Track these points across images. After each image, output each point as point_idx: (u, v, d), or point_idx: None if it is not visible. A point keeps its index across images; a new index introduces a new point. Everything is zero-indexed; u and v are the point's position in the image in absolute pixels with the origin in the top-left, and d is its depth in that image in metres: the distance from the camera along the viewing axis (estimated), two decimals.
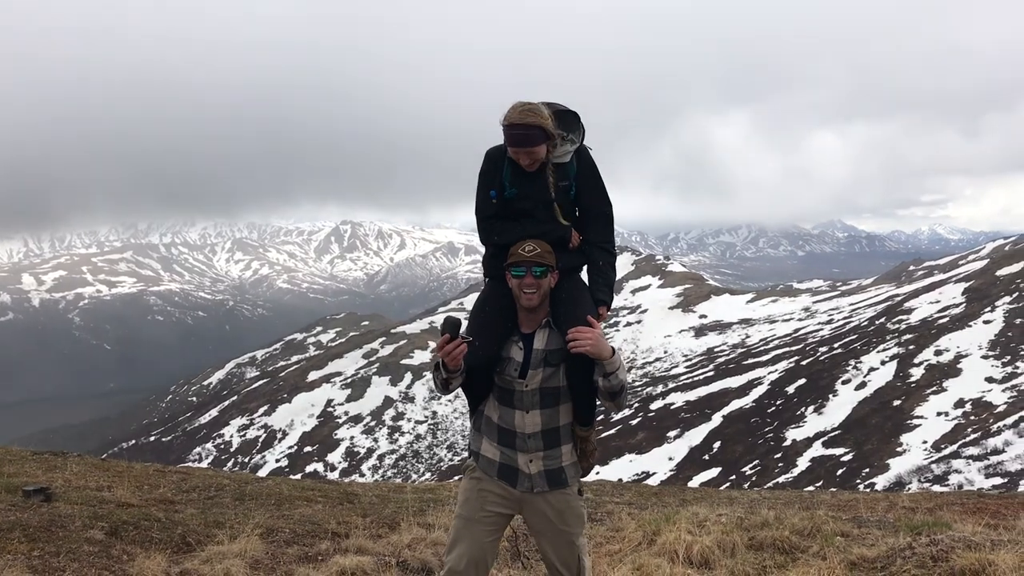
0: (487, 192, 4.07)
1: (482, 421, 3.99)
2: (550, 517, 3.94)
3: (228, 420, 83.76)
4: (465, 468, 4.11)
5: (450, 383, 3.74)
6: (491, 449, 3.94)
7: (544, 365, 3.85)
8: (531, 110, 3.86)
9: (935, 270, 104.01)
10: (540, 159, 3.93)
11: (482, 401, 4.02)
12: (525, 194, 4.01)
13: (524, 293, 3.83)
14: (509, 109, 3.91)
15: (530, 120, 3.83)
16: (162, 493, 8.34)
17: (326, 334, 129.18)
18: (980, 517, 7.97)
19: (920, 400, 46.28)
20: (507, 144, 3.92)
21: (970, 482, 33.40)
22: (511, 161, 4.00)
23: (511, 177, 4.02)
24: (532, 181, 4.01)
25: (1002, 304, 55.51)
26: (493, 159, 4.07)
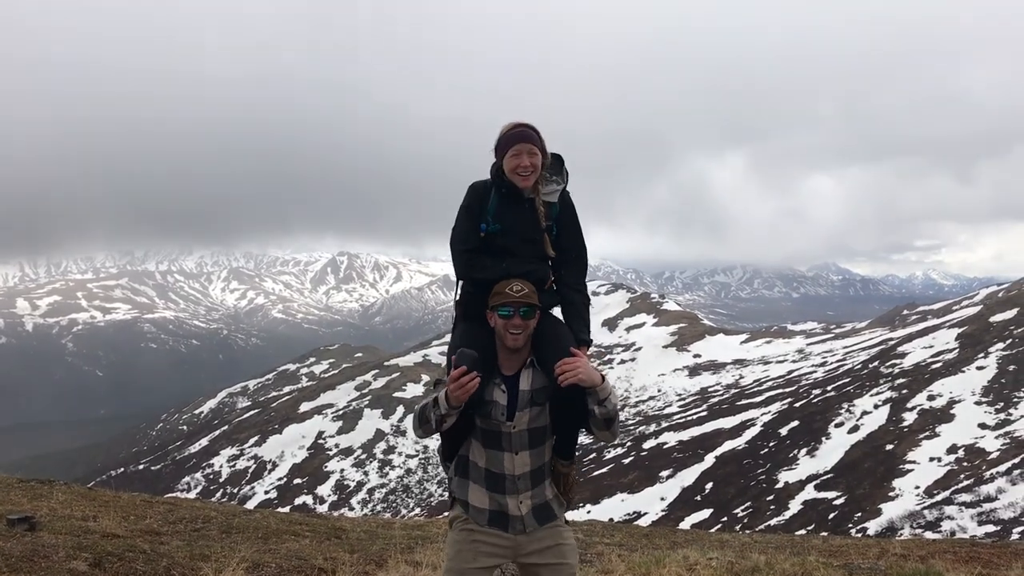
0: (472, 224, 4.06)
1: (468, 467, 3.92)
2: (546, 554, 3.89)
3: (218, 450, 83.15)
4: (452, 520, 4.00)
5: (445, 421, 3.68)
6: (480, 496, 3.87)
7: (531, 405, 3.84)
8: (526, 122, 4.07)
9: (929, 315, 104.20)
10: (538, 169, 4.02)
11: (459, 446, 3.97)
12: (509, 229, 4.03)
13: (510, 334, 3.82)
14: (503, 127, 4.07)
15: (529, 124, 4.05)
16: (148, 524, 8.26)
17: (319, 365, 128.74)
18: (972, 566, 7.92)
19: (913, 445, 46.17)
20: (509, 144, 3.99)
21: (963, 529, 33.21)
22: (498, 194, 4.05)
23: (496, 212, 4.04)
24: (518, 216, 4.04)
25: (995, 350, 55.57)
26: (478, 192, 4.09)
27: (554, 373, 3.67)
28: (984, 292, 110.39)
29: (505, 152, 4.01)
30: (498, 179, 4.08)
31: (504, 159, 4.02)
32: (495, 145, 4.09)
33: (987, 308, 69.73)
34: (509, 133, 4.01)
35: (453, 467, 3.99)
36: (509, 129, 4.03)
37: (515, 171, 4.00)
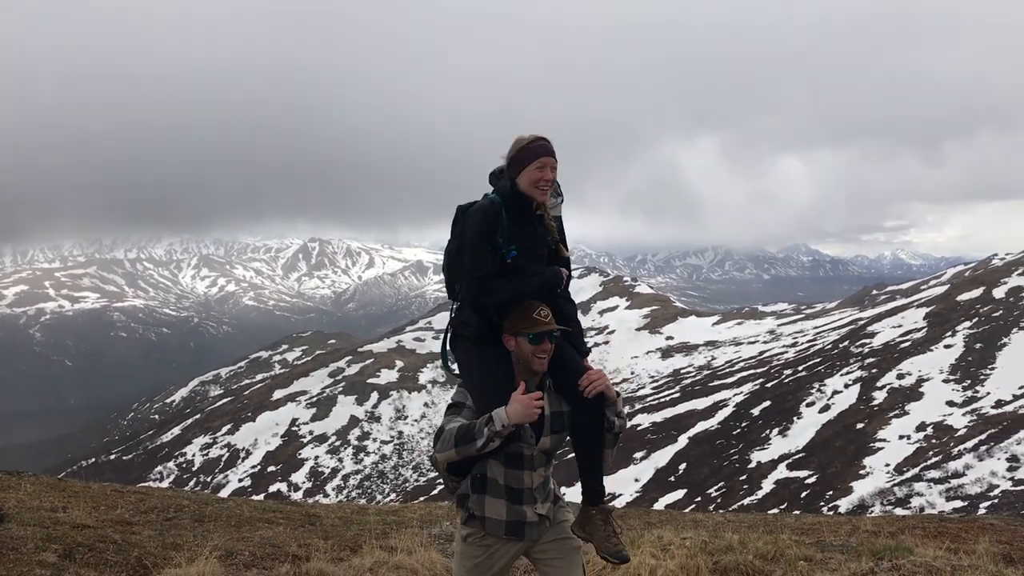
0: (487, 249, 3.95)
1: (486, 484, 3.94)
2: (555, 536, 4.02)
3: (191, 438, 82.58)
4: (467, 536, 4.02)
5: (494, 441, 3.67)
6: (499, 509, 3.92)
7: (551, 432, 3.94)
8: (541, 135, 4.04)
9: (897, 295, 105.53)
10: (552, 183, 4.03)
11: (473, 467, 3.96)
12: (523, 250, 3.99)
13: (538, 358, 3.89)
14: (515, 141, 4.02)
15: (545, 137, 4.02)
16: (119, 514, 8.17)
17: (292, 352, 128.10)
18: (941, 541, 8.02)
19: (883, 423, 46.78)
20: (534, 157, 3.94)
21: (931, 505, 33.74)
22: (509, 214, 3.98)
23: (508, 233, 3.96)
24: (529, 234, 4.03)
25: (962, 329, 56.36)
26: (489, 216, 3.96)
27: (580, 387, 3.84)
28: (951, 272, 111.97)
29: (526, 165, 3.96)
30: (512, 196, 4.00)
31: (525, 172, 3.96)
32: (511, 159, 4.01)
33: (954, 287, 70.64)
34: (532, 145, 3.96)
35: (468, 485, 3.97)
36: (530, 142, 3.98)
37: (536, 184, 3.96)
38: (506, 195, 3.99)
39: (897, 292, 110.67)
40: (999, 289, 61.51)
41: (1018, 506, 30.11)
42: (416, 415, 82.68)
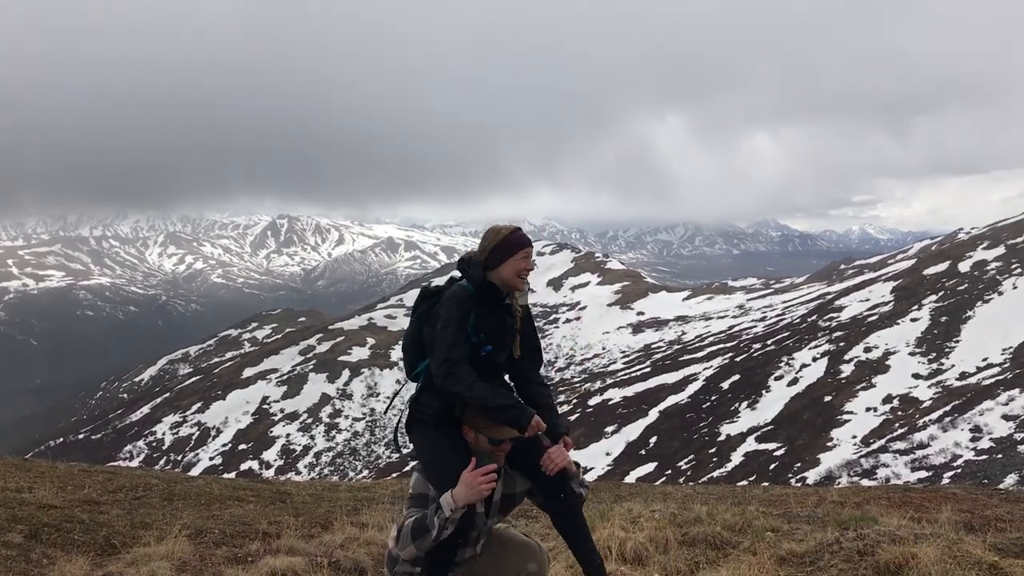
0: (462, 337, 3.95)
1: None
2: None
3: (160, 417, 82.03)
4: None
5: (448, 527, 3.70)
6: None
7: (500, 512, 4.06)
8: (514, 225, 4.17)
9: (865, 269, 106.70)
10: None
11: (450, 566, 3.95)
12: (490, 338, 4.04)
13: (499, 455, 3.94)
14: (492, 231, 4.12)
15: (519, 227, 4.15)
16: (87, 494, 8.09)
17: (262, 330, 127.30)
18: (905, 511, 8.16)
19: (850, 396, 47.41)
20: (516, 248, 4.05)
21: (897, 476, 34.32)
22: (480, 302, 4.03)
23: (476, 322, 4.00)
24: (497, 322, 4.07)
25: (928, 302, 57.11)
26: (465, 304, 3.99)
27: (542, 467, 3.95)
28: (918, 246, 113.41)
29: (510, 255, 4.04)
30: (486, 287, 4.06)
31: (510, 262, 4.04)
32: (493, 248, 4.05)
33: (921, 261, 71.52)
34: (514, 237, 4.06)
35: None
36: (511, 232, 4.08)
37: (520, 274, 4.07)
38: (480, 285, 4.05)
39: (865, 266, 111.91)
40: (965, 263, 62.35)
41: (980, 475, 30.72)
42: (388, 392, 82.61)
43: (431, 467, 3.94)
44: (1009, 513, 8.13)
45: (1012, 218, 75.07)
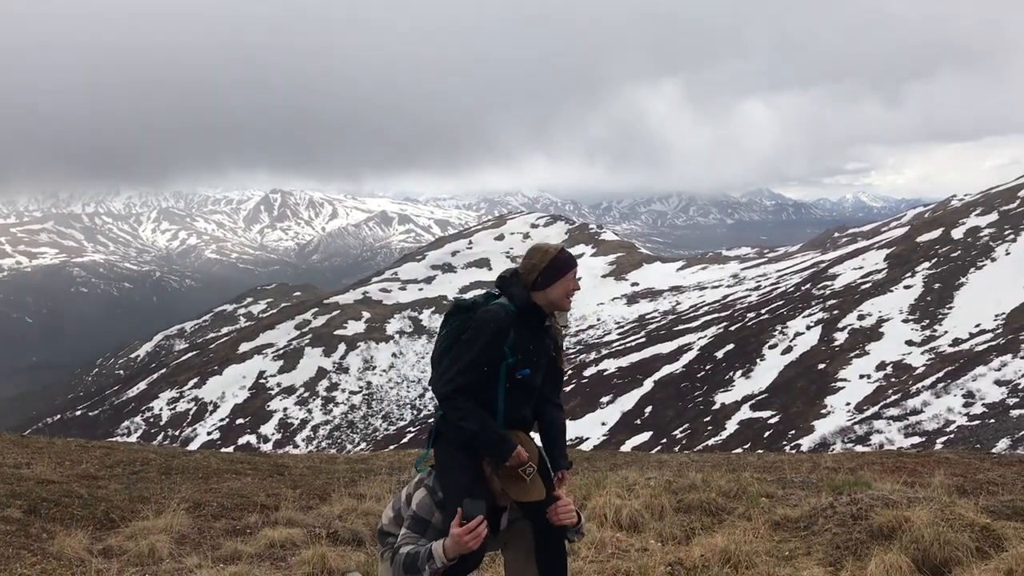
0: (488, 359, 3.80)
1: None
2: None
3: (157, 393, 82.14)
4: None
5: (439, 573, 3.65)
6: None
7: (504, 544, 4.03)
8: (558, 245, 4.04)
9: (858, 237, 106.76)
10: None
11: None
12: (529, 362, 3.89)
13: (503, 496, 3.88)
14: (539, 251, 3.97)
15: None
16: (84, 469, 8.12)
17: (257, 305, 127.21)
18: (899, 475, 8.23)
19: (844, 363, 47.63)
20: (566, 270, 3.91)
21: (890, 442, 34.59)
22: (522, 324, 3.88)
23: (515, 344, 3.85)
24: (535, 345, 3.93)
25: (922, 270, 57.23)
26: (501, 324, 3.82)
27: (548, 516, 3.85)
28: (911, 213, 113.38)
29: (560, 276, 3.91)
30: (529, 307, 3.91)
31: (560, 283, 3.91)
32: (543, 269, 3.90)
33: (914, 229, 71.55)
34: (563, 256, 3.95)
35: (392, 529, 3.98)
36: (559, 252, 3.96)
37: (567, 296, 3.95)
38: (523, 305, 3.92)
39: (858, 234, 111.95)
40: (957, 230, 62.39)
41: (973, 440, 30.97)
42: (384, 365, 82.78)
43: (444, 488, 3.83)
44: (1001, 476, 8.20)
45: (1005, 184, 75.04)
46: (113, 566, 5.37)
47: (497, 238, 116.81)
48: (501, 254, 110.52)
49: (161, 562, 5.48)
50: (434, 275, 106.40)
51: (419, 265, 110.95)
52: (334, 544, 5.84)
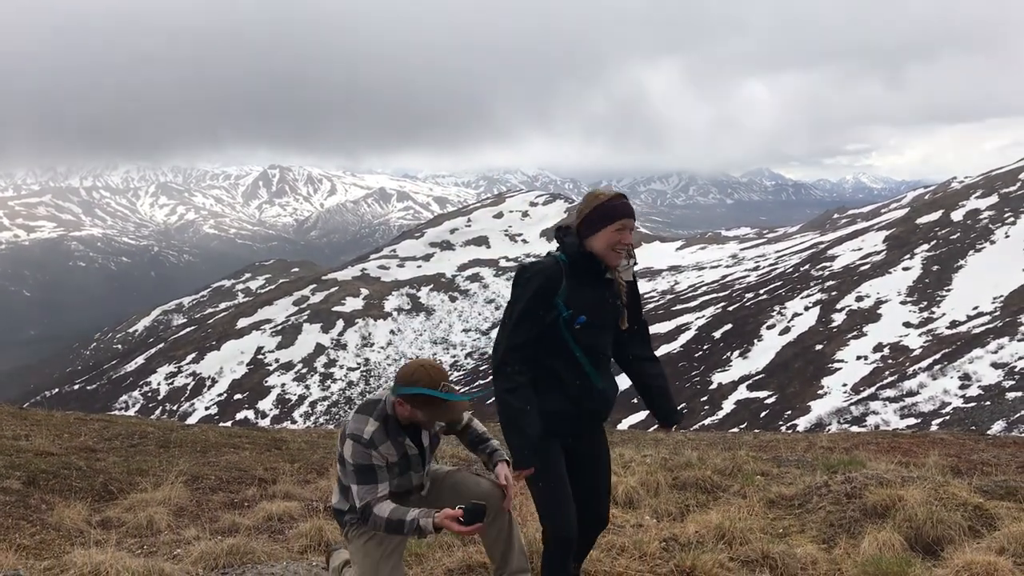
0: (539, 315, 3.55)
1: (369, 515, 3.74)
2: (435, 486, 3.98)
3: (155, 368, 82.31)
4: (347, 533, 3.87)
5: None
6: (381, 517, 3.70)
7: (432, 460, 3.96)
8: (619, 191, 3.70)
9: (858, 218, 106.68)
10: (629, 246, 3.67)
11: None
12: (586, 314, 3.60)
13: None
14: (590, 196, 3.68)
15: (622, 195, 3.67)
16: (83, 441, 8.15)
17: (255, 281, 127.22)
18: (893, 455, 8.28)
19: (841, 344, 47.75)
20: (615, 217, 3.55)
21: (886, 423, 34.75)
22: (575, 275, 3.59)
23: (568, 296, 3.57)
24: (596, 299, 3.65)
25: (920, 252, 57.25)
26: (552, 277, 3.55)
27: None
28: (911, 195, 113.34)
29: (604, 226, 3.56)
30: (580, 257, 3.62)
31: (602, 233, 3.56)
32: (586, 217, 3.61)
33: (914, 211, 71.51)
34: (612, 204, 3.59)
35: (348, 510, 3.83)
36: (610, 199, 3.61)
37: (615, 247, 3.57)
38: (573, 255, 3.63)
39: (858, 216, 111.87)
40: (957, 212, 62.38)
41: (968, 422, 31.13)
42: (383, 342, 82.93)
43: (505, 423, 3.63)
44: (995, 457, 8.25)
45: (1006, 166, 74.90)
46: (112, 537, 5.40)
47: (496, 216, 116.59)
48: (500, 232, 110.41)
49: (160, 533, 5.52)
50: (432, 252, 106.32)
51: (417, 242, 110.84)
52: (331, 518, 5.87)
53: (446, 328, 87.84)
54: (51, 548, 5.26)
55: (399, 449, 3.72)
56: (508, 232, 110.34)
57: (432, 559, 4.57)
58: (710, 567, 4.04)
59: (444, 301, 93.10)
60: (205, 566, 4.69)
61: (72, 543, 5.32)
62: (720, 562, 4.13)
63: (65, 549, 5.19)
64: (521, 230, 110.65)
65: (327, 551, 4.58)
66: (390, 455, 3.69)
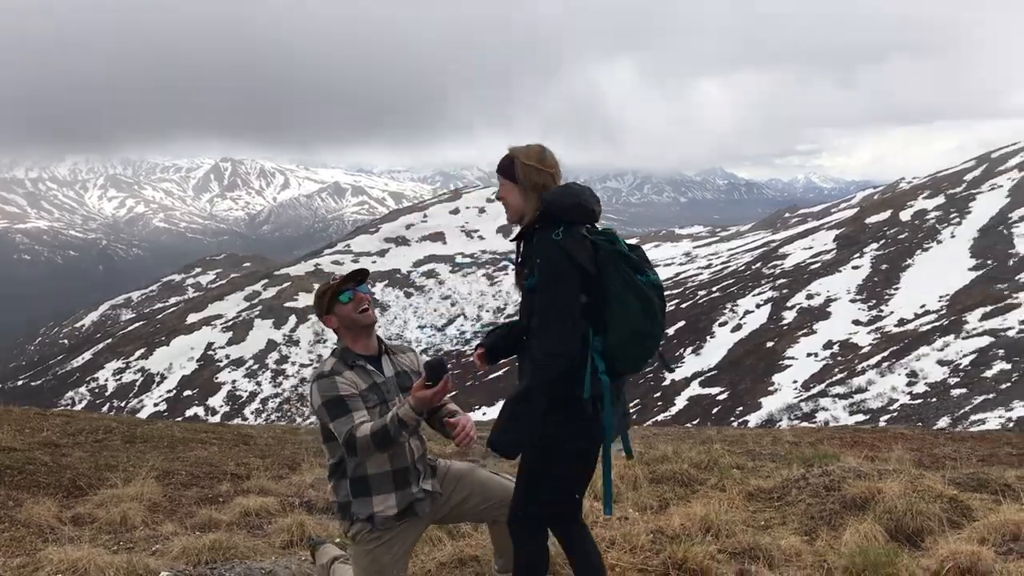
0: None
1: (368, 484, 3.69)
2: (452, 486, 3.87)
3: (103, 363, 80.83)
4: (355, 535, 3.73)
5: (404, 433, 3.49)
6: (387, 501, 3.68)
7: (400, 391, 3.77)
8: None
9: (809, 217, 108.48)
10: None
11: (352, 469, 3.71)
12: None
13: (362, 313, 3.80)
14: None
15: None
16: (46, 437, 7.97)
17: (206, 275, 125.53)
18: (859, 450, 8.44)
19: (792, 342, 48.53)
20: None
21: (835, 419, 35.39)
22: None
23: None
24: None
25: (870, 250, 58.38)
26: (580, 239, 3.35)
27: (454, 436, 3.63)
28: (861, 195, 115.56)
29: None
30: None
31: None
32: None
33: (863, 210, 72.88)
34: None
35: (348, 492, 3.70)
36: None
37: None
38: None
39: (809, 215, 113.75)
40: (905, 212, 63.71)
41: (915, 419, 31.84)
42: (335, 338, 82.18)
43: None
44: (956, 451, 8.46)
45: (952, 168, 76.70)
46: (85, 533, 5.31)
47: (452, 212, 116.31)
48: (456, 228, 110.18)
49: (135, 529, 5.43)
50: (388, 248, 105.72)
51: (373, 237, 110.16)
52: (309, 513, 5.83)
53: (401, 324, 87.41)
54: (22, 545, 5.15)
55: (365, 378, 3.68)
56: (464, 228, 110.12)
57: (423, 553, 4.56)
58: (701, 559, 4.07)
59: (399, 297, 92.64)
60: (187, 561, 4.62)
61: (44, 540, 5.21)
62: (710, 554, 4.17)
63: (37, 546, 5.09)
64: (478, 226, 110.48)
65: (311, 547, 4.51)
66: (357, 382, 3.64)
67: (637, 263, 3.31)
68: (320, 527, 5.30)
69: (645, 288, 3.25)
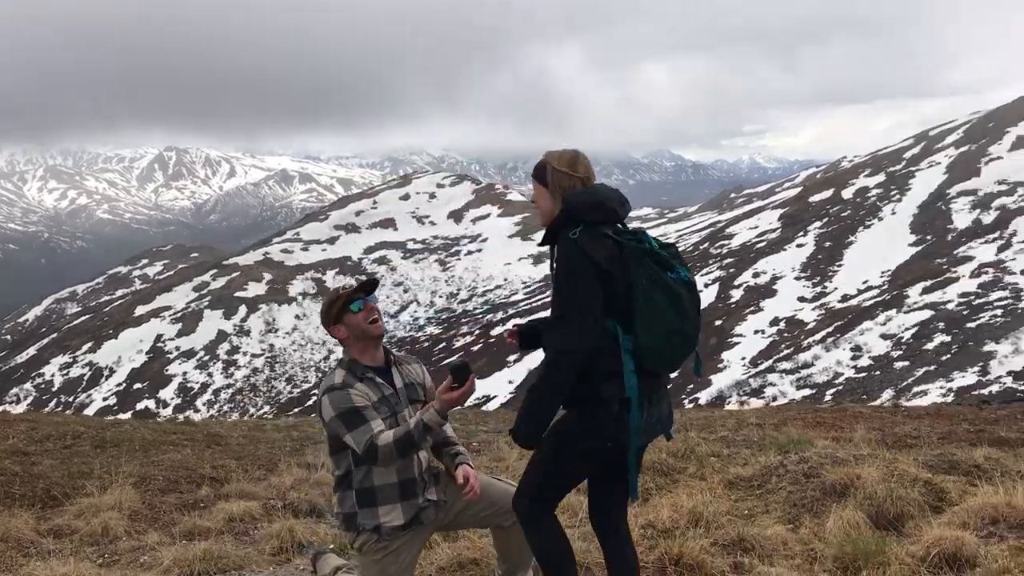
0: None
1: (375, 494, 3.69)
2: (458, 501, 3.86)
3: (48, 358, 79.03)
4: (362, 545, 3.72)
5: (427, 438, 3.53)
6: (393, 512, 3.68)
7: (410, 403, 3.81)
8: None
9: (754, 197, 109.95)
10: None
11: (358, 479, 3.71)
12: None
13: (372, 324, 3.79)
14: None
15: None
16: (12, 444, 7.82)
17: (153, 267, 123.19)
18: (823, 431, 8.64)
19: (739, 319, 49.28)
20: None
21: (783, 394, 36.10)
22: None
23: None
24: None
25: (813, 229, 59.37)
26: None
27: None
28: (804, 174, 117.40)
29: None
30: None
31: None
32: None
33: (807, 189, 74.03)
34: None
35: (355, 503, 3.70)
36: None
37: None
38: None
39: (754, 195, 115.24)
40: (847, 190, 64.82)
41: (859, 392, 32.61)
42: (287, 327, 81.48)
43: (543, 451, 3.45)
44: (916, 430, 8.69)
45: (892, 146, 78.19)
46: (67, 546, 5.22)
47: (402, 198, 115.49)
48: (407, 214, 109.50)
49: (118, 540, 5.36)
50: (338, 235, 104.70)
51: (322, 225, 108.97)
52: (294, 516, 5.80)
53: None
54: (3, 561, 5.07)
55: (375, 390, 3.69)
56: (415, 214, 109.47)
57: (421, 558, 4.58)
58: (696, 554, 4.15)
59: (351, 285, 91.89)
60: (180, 573, 4.57)
61: (25, 555, 5.13)
62: (704, 548, 4.25)
63: (18, 561, 5.00)
64: (428, 212, 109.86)
65: (312, 557, 4.49)
66: (368, 394, 3.65)
67: (666, 260, 3.31)
68: (309, 532, 5.27)
69: (674, 285, 3.24)
